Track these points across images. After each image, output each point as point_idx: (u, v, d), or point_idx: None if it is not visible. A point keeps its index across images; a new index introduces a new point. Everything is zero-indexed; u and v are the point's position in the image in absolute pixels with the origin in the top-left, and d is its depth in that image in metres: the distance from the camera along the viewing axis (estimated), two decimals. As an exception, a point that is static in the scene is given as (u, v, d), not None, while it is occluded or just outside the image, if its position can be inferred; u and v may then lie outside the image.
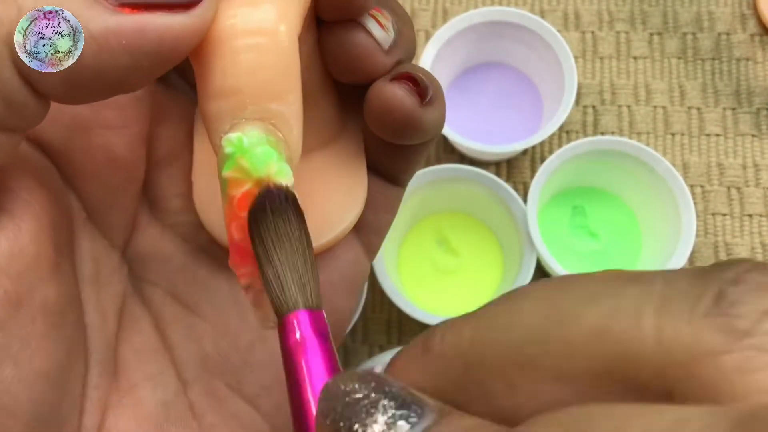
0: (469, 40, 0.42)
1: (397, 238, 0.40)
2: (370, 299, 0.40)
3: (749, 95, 0.44)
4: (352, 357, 0.40)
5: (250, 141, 0.15)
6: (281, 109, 0.16)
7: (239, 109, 0.16)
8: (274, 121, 0.16)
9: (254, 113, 0.16)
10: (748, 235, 0.42)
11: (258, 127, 0.16)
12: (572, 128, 0.44)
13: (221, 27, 0.16)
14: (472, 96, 0.44)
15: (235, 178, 0.15)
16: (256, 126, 0.16)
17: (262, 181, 0.15)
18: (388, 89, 0.18)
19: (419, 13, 0.46)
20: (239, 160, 0.15)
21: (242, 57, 0.16)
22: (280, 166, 0.15)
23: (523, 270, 0.36)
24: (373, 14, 0.18)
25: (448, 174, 0.38)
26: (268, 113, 0.16)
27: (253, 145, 0.15)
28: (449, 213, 0.41)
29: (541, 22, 0.40)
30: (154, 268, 0.20)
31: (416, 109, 0.18)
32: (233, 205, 0.15)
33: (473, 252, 0.40)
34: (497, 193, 0.38)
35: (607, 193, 0.41)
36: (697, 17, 0.46)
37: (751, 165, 0.43)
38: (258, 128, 0.16)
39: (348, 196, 0.20)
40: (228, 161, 0.15)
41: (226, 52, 0.16)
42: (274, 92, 0.16)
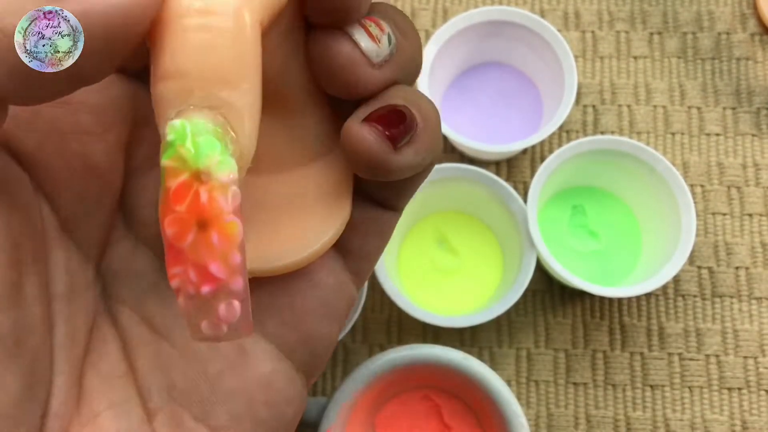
0: (469, 40, 0.42)
1: (397, 238, 0.40)
2: (370, 299, 0.40)
3: (749, 95, 0.44)
4: (352, 357, 0.40)
5: (193, 129, 0.14)
6: (232, 99, 0.15)
7: (186, 93, 0.15)
8: (223, 111, 0.15)
9: (202, 100, 0.15)
10: (748, 235, 0.42)
11: (205, 116, 0.14)
12: (572, 128, 0.44)
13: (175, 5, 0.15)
14: (472, 96, 0.44)
15: (173, 167, 0.14)
16: (204, 114, 0.14)
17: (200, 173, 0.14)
18: (355, 131, 0.17)
19: (419, 12, 0.46)
20: (179, 149, 0.14)
21: (192, 36, 0.14)
22: (223, 158, 0.14)
23: (523, 270, 0.36)
24: (365, 24, 0.17)
25: (448, 173, 0.38)
26: (217, 101, 0.15)
27: (196, 134, 0.14)
28: (449, 212, 0.41)
29: (541, 21, 0.40)
30: (126, 285, 0.19)
31: (386, 157, 0.17)
32: (168, 197, 0.14)
33: (473, 251, 0.40)
34: (497, 192, 0.38)
35: (607, 192, 0.42)
36: (697, 17, 0.46)
37: (751, 164, 0.43)
38: (205, 117, 0.14)
39: (326, 217, 0.19)
40: (168, 149, 0.14)
41: (176, 30, 0.15)
42: (225, 79, 0.15)
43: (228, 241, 0.14)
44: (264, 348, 0.19)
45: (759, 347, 0.40)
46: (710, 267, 0.41)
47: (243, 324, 0.15)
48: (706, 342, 0.40)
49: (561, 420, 0.39)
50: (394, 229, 0.21)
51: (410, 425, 0.35)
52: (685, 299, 0.41)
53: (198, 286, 0.14)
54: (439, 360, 0.32)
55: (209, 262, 0.14)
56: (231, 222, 0.14)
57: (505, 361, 0.40)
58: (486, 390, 0.32)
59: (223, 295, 0.15)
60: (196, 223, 0.14)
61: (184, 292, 0.15)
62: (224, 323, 0.15)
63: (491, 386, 0.32)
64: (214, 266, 0.14)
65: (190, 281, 0.14)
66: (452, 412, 0.35)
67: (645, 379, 0.40)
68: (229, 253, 0.14)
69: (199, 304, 0.15)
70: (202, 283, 0.14)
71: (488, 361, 0.40)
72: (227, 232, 0.14)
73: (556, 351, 0.40)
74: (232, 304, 0.15)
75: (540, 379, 0.39)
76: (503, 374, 0.39)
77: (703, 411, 0.39)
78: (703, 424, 0.39)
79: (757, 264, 0.41)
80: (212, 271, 0.14)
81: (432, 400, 0.35)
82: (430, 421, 0.35)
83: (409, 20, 0.19)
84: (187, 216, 0.14)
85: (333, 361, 0.40)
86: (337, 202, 0.19)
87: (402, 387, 0.35)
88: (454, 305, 0.39)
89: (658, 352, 0.40)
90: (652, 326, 0.40)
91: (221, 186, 0.14)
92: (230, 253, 0.14)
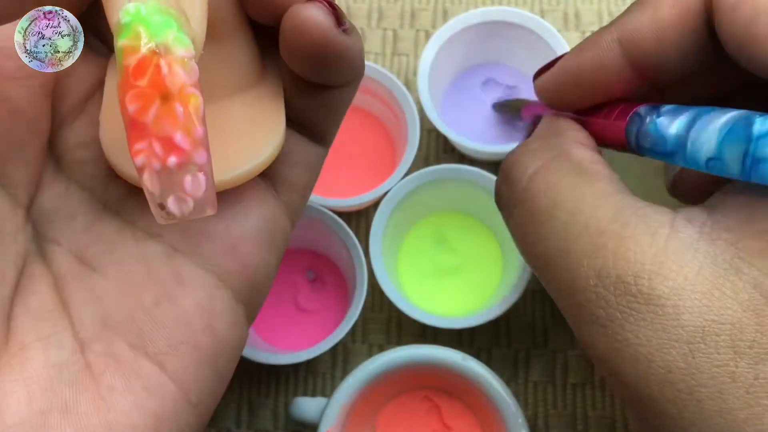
0: (468, 40, 0.41)
1: (397, 238, 0.40)
2: (370, 299, 0.40)
3: (749, 96, 0.44)
4: (351, 357, 0.40)
5: (147, 10, 0.15)
6: None
7: None
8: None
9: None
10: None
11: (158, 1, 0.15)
12: (572, 128, 0.44)
13: None
14: (472, 96, 0.44)
15: (131, 45, 0.15)
16: None
17: (158, 49, 0.15)
18: (302, 9, 0.17)
19: (419, 13, 0.46)
20: (136, 27, 0.15)
21: None
22: (179, 35, 0.15)
23: (522, 270, 0.36)
24: None
25: (448, 174, 0.38)
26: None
27: (151, 14, 0.15)
28: (449, 213, 0.41)
29: (541, 22, 0.40)
30: (58, 226, 0.19)
31: (333, 30, 0.17)
32: (128, 75, 0.14)
33: (473, 252, 0.40)
34: (497, 193, 0.38)
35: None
36: (697, 17, 0.46)
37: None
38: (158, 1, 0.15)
39: (261, 139, 0.19)
40: (124, 30, 0.15)
41: None
42: None
43: (191, 113, 0.15)
44: (201, 275, 0.19)
45: (758, 348, 0.40)
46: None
47: (208, 199, 0.15)
48: (706, 343, 0.40)
49: (559, 420, 0.39)
50: (322, 165, 0.22)
51: (410, 426, 0.35)
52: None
53: (163, 159, 0.15)
54: (438, 360, 0.32)
55: (173, 132, 0.14)
56: (192, 93, 0.15)
57: (504, 361, 0.40)
58: (485, 390, 0.32)
59: (189, 167, 0.15)
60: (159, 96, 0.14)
61: (149, 167, 0.15)
62: (190, 197, 0.15)
63: (490, 387, 0.32)
64: (179, 136, 0.15)
65: (155, 154, 0.15)
66: (452, 413, 0.35)
67: (644, 380, 0.40)
68: (192, 125, 0.15)
69: (165, 177, 0.15)
70: (168, 154, 0.15)
71: (487, 361, 0.40)
72: (190, 103, 0.15)
73: (554, 351, 0.40)
74: (197, 176, 0.15)
75: (539, 380, 0.39)
76: (502, 375, 0.39)
77: (702, 412, 0.39)
78: (702, 425, 0.39)
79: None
80: (177, 141, 0.15)
81: (431, 401, 0.35)
82: (429, 421, 0.35)
83: None
84: (149, 90, 0.14)
85: (332, 361, 0.40)
86: (270, 127, 0.20)
87: (401, 387, 0.35)
88: (453, 306, 0.39)
89: (658, 352, 0.40)
90: (652, 327, 0.40)
91: (181, 59, 0.15)
92: (193, 124, 0.15)
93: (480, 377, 0.32)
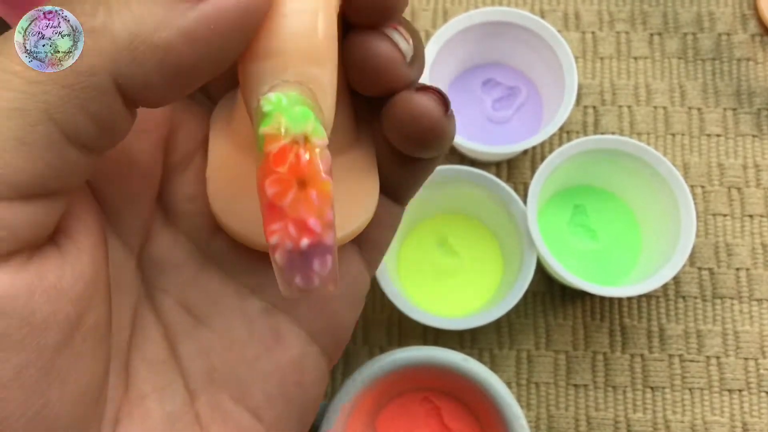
0: (469, 41, 0.41)
1: (398, 240, 0.40)
2: (370, 300, 0.40)
3: (750, 96, 0.44)
4: (352, 358, 0.40)
5: (288, 101, 0.16)
6: (320, 75, 0.16)
7: (281, 70, 0.16)
8: (312, 86, 0.16)
9: (294, 75, 0.16)
10: (748, 236, 0.42)
11: (296, 90, 0.16)
12: (573, 128, 0.44)
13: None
14: (472, 96, 0.44)
15: (272, 134, 0.16)
16: (295, 88, 0.16)
17: (298, 139, 0.16)
18: (416, 99, 0.18)
19: (419, 13, 0.46)
20: (277, 117, 0.16)
21: (290, 20, 0.16)
22: (316, 125, 0.16)
23: (523, 271, 0.36)
24: (396, 27, 0.18)
25: (449, 175, 0.38)
26: (307, 77, 0.16)
27: (292, 104, 0.16)
28: (449, 214, 0.41)
29: (541, 22, 0.40)
30: (166, 275, 0.20)
31: (442, 119, 0.19)
32: (269, 161, 0.16)
33: (473, 253, 0.40)
34: (497, 194, 0.38)
35: (607, 192, 0.41)
36: (697, 17, 0.46)
37: (752, 165, 0.43)
38: (296, 91, 0.16)
39: (357, 204, 0.20)
40: (266, 119, 0.16)
41: (275, 15, 0.16)
42: (316, 58, 0.16)
43: (324, 198, 0.16)
44: (296, 333, 0.20)
45: (759, 349, 0.40)
46: (711, 268, 0.41)
47: (332, 278, 0.16)
48: (707, 343, 0.40)
49: (561, 422, 0.39)
50: (399, 223, 0.23)
51: (410, 427, 0.35)
52: (686, 300, 0.41)
53: (297, 240, 0.15)
54: (439, 362, 0.32)
55: (308, 217, 0.15)
56: (326, 181, 0.16)
57: (506, 362, 0.40)
58: (486, 392, 0.32)
59: (319, 249, 0.16)
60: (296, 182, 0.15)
61: (282, 247, 0.16)
62: (316, 275, 0.16)
63: (492, 388, 0.32)
64: (312, 221, 0.15)
65: (289, 236, 0.16)
66: (452, 414, 0.35)
67: (645, 381, 0.39)
68: (324, 209, 0.16)
69: (296, 257, 0.16)
70: (301, 236, 0.15)
71: (488, 362, 0.39)
72: (324, 190, 0.16)
73: (556, 353, 0.40)
74: (326, 257, 0.16)
75: (540, 381, 0.39)
76: (503, 376, 0.39)
77: (703, 413, 0.39)
78: (704, 426, 0.39)
79: (757, 265, 0.41)
80: (311, 225, 0.15)
81: (432, 402, 0.35)
82: (430, 423, 0.35)
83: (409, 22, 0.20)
84: (288, 176, 0.15)
85: (333, 362, 0.40)
86: (367, 191, 0.20)
87: (402, 389, 0.35)
88: (454, 307, 0.39)
89: (659, 353, 0.40)
90: (653, 328, 0.40)
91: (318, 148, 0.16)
92: (325, 209, 0.16)
93: (481, 379, 0.32)
